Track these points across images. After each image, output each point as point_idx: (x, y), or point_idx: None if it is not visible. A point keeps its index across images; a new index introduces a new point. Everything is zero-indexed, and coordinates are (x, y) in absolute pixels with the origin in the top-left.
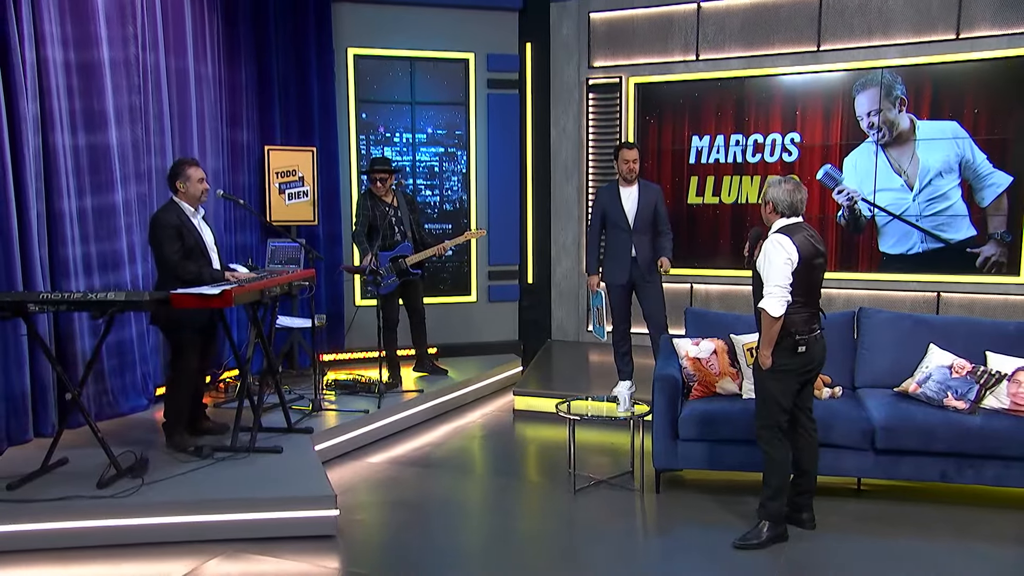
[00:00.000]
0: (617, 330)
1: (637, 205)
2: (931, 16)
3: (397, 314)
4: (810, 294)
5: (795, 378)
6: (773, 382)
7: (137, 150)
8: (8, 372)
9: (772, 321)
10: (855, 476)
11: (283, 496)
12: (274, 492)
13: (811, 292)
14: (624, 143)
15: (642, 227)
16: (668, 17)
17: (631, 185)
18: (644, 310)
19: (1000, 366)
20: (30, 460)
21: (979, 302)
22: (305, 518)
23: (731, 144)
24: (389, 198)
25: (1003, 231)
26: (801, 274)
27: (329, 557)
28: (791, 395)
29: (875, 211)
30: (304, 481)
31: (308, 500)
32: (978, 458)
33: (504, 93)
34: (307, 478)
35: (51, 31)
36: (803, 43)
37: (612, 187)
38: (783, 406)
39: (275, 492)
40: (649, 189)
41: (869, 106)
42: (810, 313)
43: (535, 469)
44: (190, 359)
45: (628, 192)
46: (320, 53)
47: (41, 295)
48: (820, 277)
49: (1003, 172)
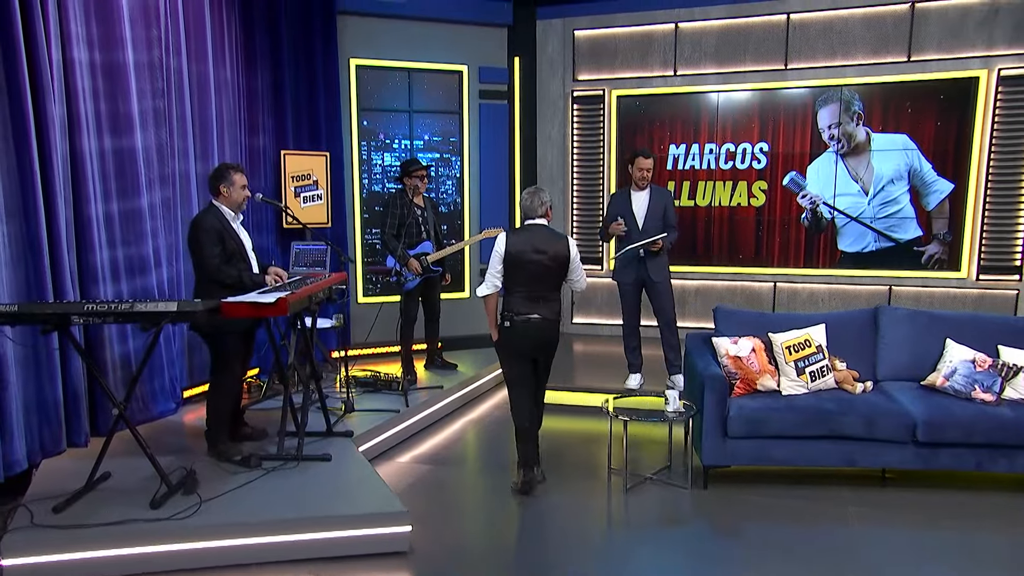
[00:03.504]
0: (627, 325)
1: (647, 209)
2: (886, 40)
3: (416, 311)
4: (525, 284)
5: (513, 351)
6: (499, 353)
7: (161, 154)
8: (40, 381)
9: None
10: (897, 467)
11: (356, 514)
12: (342, 508)
13: (526, 282)
14: (641, 151)
15: (651, 229)
16: (648, 36)
17: (642, 190)
18: (654, 306)
19: (1014, 359)
20: (69, 475)
21: (925, 294)
22: (378, 535)
23: (705, 152)
24: (418, 199)
25: (945, 232)
26: (513, 266)
27: (404, 573)
28: (515, 368)
29: (835, 213)
30: (368, 494)
31: (381, 517)
32: (1012, 448)
33: (495, 103)
34: (369, 490)
35: (76, 31)
36: (772, 62)
37: (624, 192)
38: (508, 376)
39: (342, 508)
40: (659, 193)
41: (830, 119)
42: (523, 298)
43: (574, 466)
44: (234, 366)
45: (639, 196)
46: (326, 63)
47: (85, 306)
48: (537, 271)
49: (946, 180)
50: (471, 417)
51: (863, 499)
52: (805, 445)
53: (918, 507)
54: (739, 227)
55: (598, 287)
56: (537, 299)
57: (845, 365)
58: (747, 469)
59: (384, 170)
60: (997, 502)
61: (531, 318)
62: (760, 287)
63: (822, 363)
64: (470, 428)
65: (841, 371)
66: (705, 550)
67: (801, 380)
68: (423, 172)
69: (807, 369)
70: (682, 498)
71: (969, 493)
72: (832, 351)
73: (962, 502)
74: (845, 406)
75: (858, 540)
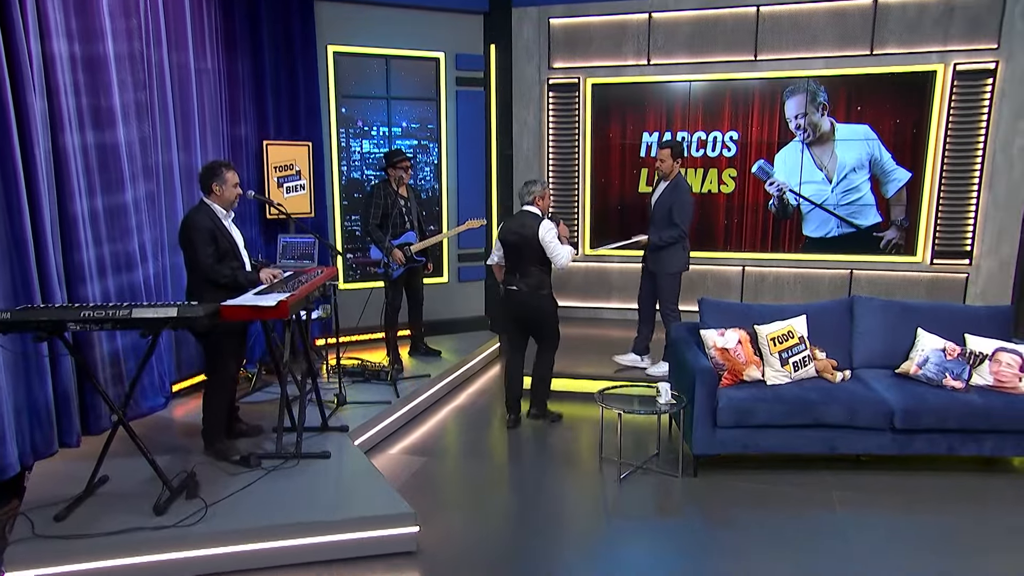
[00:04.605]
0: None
1: (656, 201)
2: (850, 34)
3: (400, 299)
4: (509, 259)
5: (502, 316)
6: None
7: (144, 147)
8: (30, 383)
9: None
10: (875, 453)
11: (364, 516)
12: (348, 510)
13: (509, 258)
14: (660, 143)
15: (657, 221)
16: (622, 25)
17: (664, 181)
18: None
19: (979, 347)
20: (64, 478)
21: (884, 278)
22: (386, 536)
23: (677, 140)
24: (403, 189)
25: (902, 218)
26: (502, 244)
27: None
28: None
29: (800, 200)
30: (372, 494)
31: (389, 519)
32: (981, 432)
33: (471, 90)
34: (373, 489)
35: (56, 24)
36: (742, 53)
37: (657, 183)
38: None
39: (349, 510)
40: (673, 189)
41: (797, 110)
42: (509, 272)
43: (566, 454)
44: (230, 365)
45: (659, 188)
46: (305, 49)
47: (82, 312)
48: (515, 249)
49: (904, 169)
50: (456, 404)
51: (845, 483)
52: (790, 434)
53: (896, 490)
54: (710, 213)
55: (574, 270)
56: (516, 272)
57: (825, 354)
58: (733, 455)
59: (363, 157)
60: (968, 484)
61: (511, 289)
62: (729, 271)
63: (804, 353)
64: (456, 416)
65: (821, 360)
66: (701, 539)
67: (785, 370)
68: (407, 163)
69: (790, 359)
70: (674, 487)
71: (941, 475)
72: (812, 340)
73: (935, 484)
74: (827, 396)
75: (845, 524)
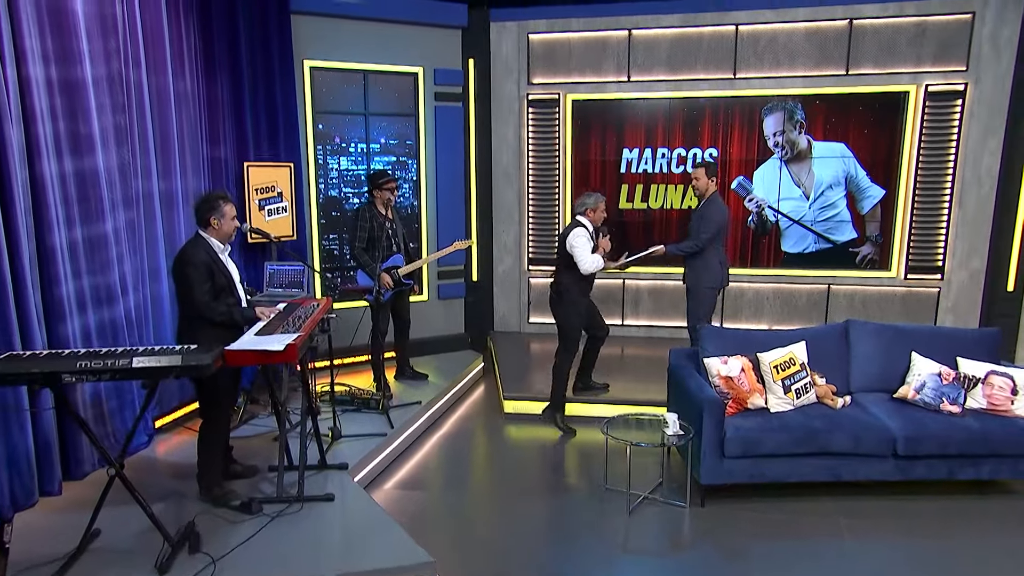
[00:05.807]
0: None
1: (693, 216)
2: (826, 54)
3: (387, 322)
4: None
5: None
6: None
7: (124, 174)
8: (10, 433)
9: None
10: (877, 479)
11: (384, 568)
12: (363, 560)
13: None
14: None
15: (691, 235)
16: (602, 42)
17: (701, 199)
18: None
19: (972, 370)
20: (49, 533)
21: (860, 292)
22: None
23: (658, 156)
24: (387, 211)
25: (877, 234)
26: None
27: None
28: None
29: (779, 216)
30: (385, 541)
31: (408, 570)
32: (978, 456)
33: (450, 105)
34: (385, 536)
35: (31, 46)
36: (721, 71)
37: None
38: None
39: (364, 560)
40: (707, 204)
41: (775, 127)
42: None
43: (568, 484)
44: (226, 407)
45: (699, 206)
46: (283, 65)
47: (77, 363)
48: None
49: (878, 186)
50: (445, 431)
51: (848, 509)
52: (796, 462)
53: (898, 515)
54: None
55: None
56: (554, 274)
57: (824, 380)
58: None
59: (340, 174)
60: (967, 507)
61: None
62: None
63: (806, 380)
64: (447, 445)
65: (821, 386)
66: (718, 574)
67: (788, 397)
68: (394, 183)
69: (793, 387)
70: (684, 517)
71: (941, 499)
72: (811, 366)
73: (936, 508)
74: (832, 424)
75: (854, 552)
